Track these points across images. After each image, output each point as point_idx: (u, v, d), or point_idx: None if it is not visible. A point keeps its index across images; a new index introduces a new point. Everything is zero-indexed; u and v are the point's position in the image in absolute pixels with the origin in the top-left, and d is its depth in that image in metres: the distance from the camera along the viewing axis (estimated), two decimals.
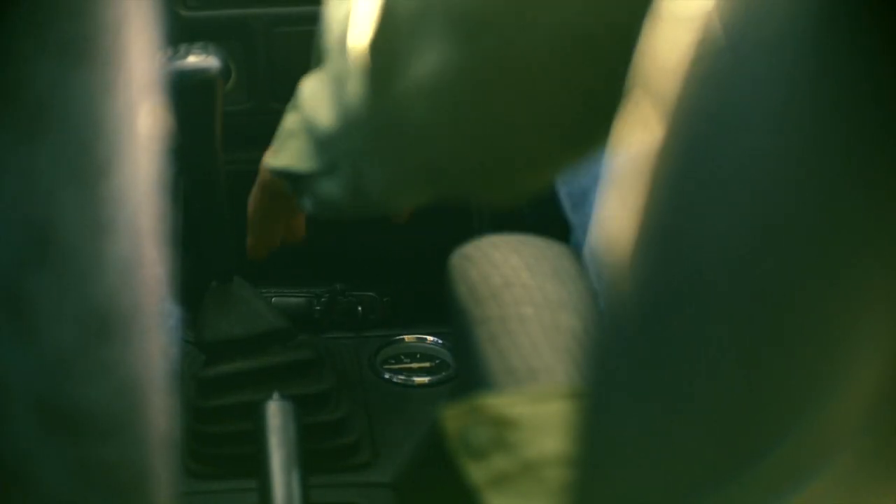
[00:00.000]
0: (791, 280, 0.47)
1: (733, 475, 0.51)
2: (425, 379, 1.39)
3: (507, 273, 1.04)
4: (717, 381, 0.50)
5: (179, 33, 1.36)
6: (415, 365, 1.42)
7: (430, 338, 1.44)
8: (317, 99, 0.85)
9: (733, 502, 0.52)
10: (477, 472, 0.79)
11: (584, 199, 1.08)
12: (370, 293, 1.51)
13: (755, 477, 0.51)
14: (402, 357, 1.43)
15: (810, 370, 0.48)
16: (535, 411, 0.82)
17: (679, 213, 0.50)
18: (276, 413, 1.17)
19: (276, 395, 1.19)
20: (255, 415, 1.18)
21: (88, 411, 0.48)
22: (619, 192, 0.53)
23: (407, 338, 1.45)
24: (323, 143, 0.86)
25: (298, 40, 1.45)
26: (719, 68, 0.47)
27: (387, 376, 1.39)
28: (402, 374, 1.39)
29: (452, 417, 0.82)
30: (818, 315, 0.47)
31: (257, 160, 1.52)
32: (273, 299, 1.48)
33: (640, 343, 0.53)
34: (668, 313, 0.51)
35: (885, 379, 0.49)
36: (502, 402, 0.83)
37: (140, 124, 0.46)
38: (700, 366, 0.50)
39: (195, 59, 1.11)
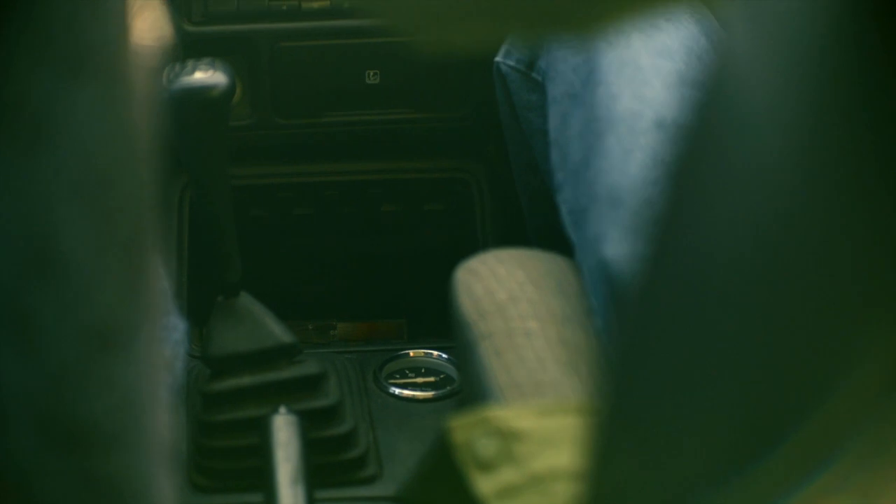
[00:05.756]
0: (799, 276, 0.47)
1: (745, 467, 0.51)
2: (430, 393, 1.39)
3: (512, 287, 1.03)
4: (728, 372, 0.50)
5: (184, 48, 1.37)
6: (420, 379, 1.42)
7: (434, 352, 1.44)
8: None
9: (746, 493, 0.52)
10: (484, 484, 0.79)
11: (585, 218, 1.08)
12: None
13: (767, 467, 0.51)
14: (407, 371, 1.43)
15: (820, 358, 0.48)
16: (543, 425, 0.82)
17: (686, 213, 0.50)
18: (282, 427, 1.17)
19: (282, 409, 1.19)
20: (261, 428, 1.18)
21: (90, 425, 0.48)
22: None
23: (412, 352, 1.45)
24: None
25: (303, 55, 1.45)
26: (728, 73, 0.47)
27: (392, 390, 1.39)
28: (407, 389, 1.39)
29: (459, 429, 0.82)
30: (828, 305, 0.47)
31: (262, 175, 1.53)
32: None
33: (653, 337, 0.53)
34: (679, 309, 0.51)
35: (894, 366, 0.49)
36: (509, 415, 0.83)
37: (142, 138, 0.46)
38: (711, 356, 0.50)
39: (202, 75, 1.11)
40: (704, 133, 0.48)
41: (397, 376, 1.42)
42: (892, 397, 0.49)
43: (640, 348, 0.54)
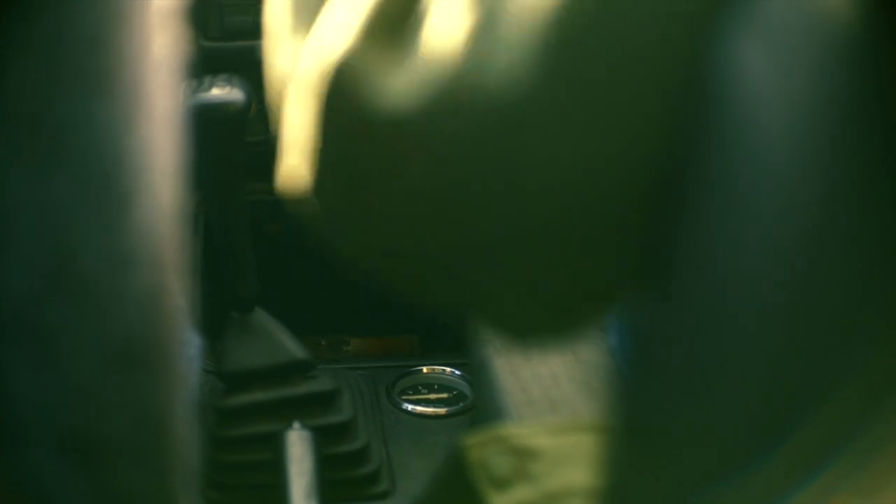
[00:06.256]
0: (810, 289, 0.48)
1: (745, 466, 0.52)
2: (443, 409, 1.39)
3: None
4: (734, 377, 0.51)
5: (200, 64, 1.37)
6: (432, 395, 1.42)
7: (447, 368, 1.44)
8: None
9: (747, 493, 0.52)
10: (499, 502, 0.79)
11: None
12: None
13: (767, 467, 0.51)
14: (420, 388, 1.43)
15: (822, 360, 0.49)
16: (557, 443, 0.82)
17: (702, 233, 0.50)
18: (295, 442, 1.17)
19: (296, 424, 1.19)
20: (275, 443, 1.18)
21: (109, 440, 0.48)
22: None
23: (425, 369, 1.45)
24: None
25: None
26: (745, 98, 0.47)
27: (405, 406, 1.39)
28: (419, 405, 1.39)
29: (474, 446, 0.82)
30: (836, 315, 0.48)
31: (274, 190, 1.52)
32: None
33: (665, 351, 0.53)
34: (692, 324, 0.51)
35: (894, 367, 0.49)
36: (524, 433, 0.83)
37: (162, 156, 0.46)
38: (719, 364, 0.51)
39: (219, 92, 1.11)
40: (721, 156, 0.49)
41: (410, 392, 1.42)
42: (893, 397, 0.49)
43: (652, 364, 0.55)
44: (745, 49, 0.48)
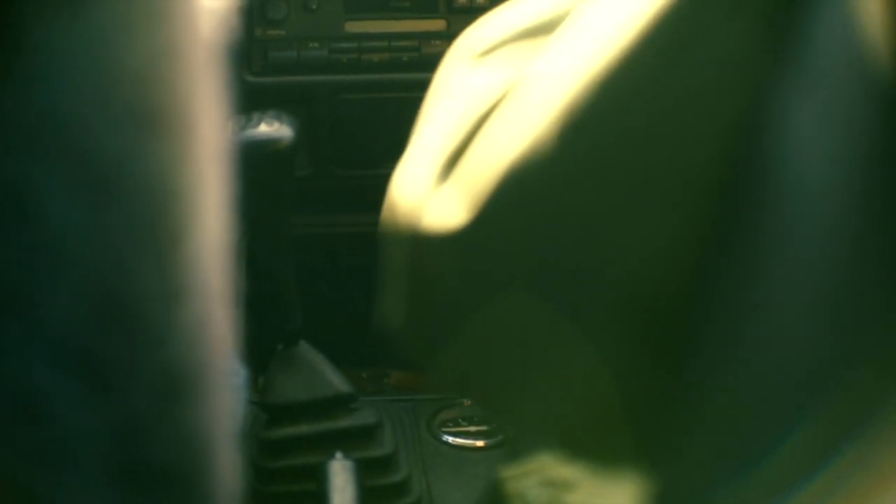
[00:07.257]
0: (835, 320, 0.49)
1: (745, 467, 0.52)
2: (482, 442, 1.39)
3: None
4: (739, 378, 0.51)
5: (244, 99, 1.38)
6: (472, 428, 1.42)
7: None
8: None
9: (746, 493, 0.52)
10: None
11: None
12: None
13: (767, 467, 0.51)
14: (460, 420, 1.43)
15: (824, 361, 0.50)
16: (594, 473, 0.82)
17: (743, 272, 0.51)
18: (338, 472, 1.18)
19: (338, 455, 1.20)
20: (318, 473, 1.19)
21: (157, 469, 0.49)
22: None
23: (465, 401, 1.45)
24: None
25: (361, 107, 1.46)
26: (789, 153, 0.49)
27: (445, 439, 1.39)
28: (459, 437, 1.40)
29: (512, 478, 0.82)
30: (845, 328, 0.49)
31: (318, 224, 1.53)
32: None
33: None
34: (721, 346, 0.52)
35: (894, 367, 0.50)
36: (560, 464, 0.83)
37: (211, 191, 0.47)
38: (732, 369, 0.52)
39: (268, 128, 1.12)
40: (766, 211, 0.50)
41: (450, 425, 1.43)
42: (892, 397, 0.50)
43: (692, 368, 0.55)
44: (794, 107, 0.49)
